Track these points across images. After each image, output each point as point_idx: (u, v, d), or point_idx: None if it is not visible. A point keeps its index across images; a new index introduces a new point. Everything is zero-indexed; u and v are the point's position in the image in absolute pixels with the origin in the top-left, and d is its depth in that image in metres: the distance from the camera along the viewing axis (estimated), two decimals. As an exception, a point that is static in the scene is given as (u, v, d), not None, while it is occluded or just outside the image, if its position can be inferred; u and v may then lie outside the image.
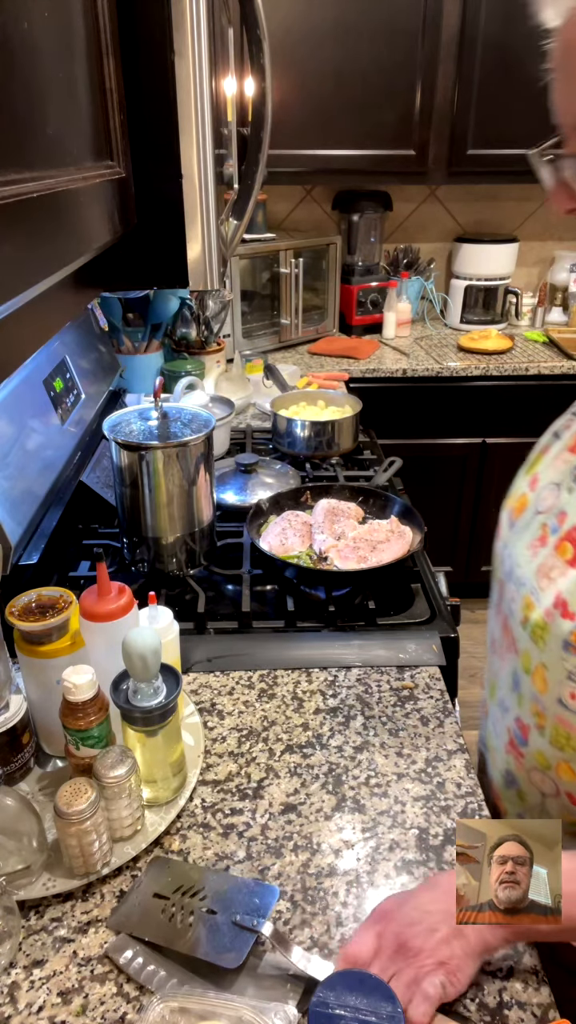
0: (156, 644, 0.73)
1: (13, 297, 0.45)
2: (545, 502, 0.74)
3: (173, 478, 1.12)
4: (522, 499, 0.78)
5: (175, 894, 0.68)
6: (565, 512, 0.70)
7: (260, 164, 0.99)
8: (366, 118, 2.33)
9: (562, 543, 0.68)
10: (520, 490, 0.80)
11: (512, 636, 0.75)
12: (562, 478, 0.73)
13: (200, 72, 0.73)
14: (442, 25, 2.23)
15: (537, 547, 0.72)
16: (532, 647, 0.70)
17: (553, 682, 0.67)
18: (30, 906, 0.71)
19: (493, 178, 2.45)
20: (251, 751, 0.88)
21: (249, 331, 2.45)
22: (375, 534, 1.22)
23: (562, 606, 0.66)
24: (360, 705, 0.95)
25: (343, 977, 0.59)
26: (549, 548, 0.70)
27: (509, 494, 0.83)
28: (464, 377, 2.40)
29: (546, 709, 0.69)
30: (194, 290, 1.29)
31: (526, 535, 0.75)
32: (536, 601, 0.69)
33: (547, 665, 0.68)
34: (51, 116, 0.52)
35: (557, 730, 0.69)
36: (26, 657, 0.79)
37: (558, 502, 0.72)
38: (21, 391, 1.23)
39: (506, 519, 0.81)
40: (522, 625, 0.72)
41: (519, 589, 0.73)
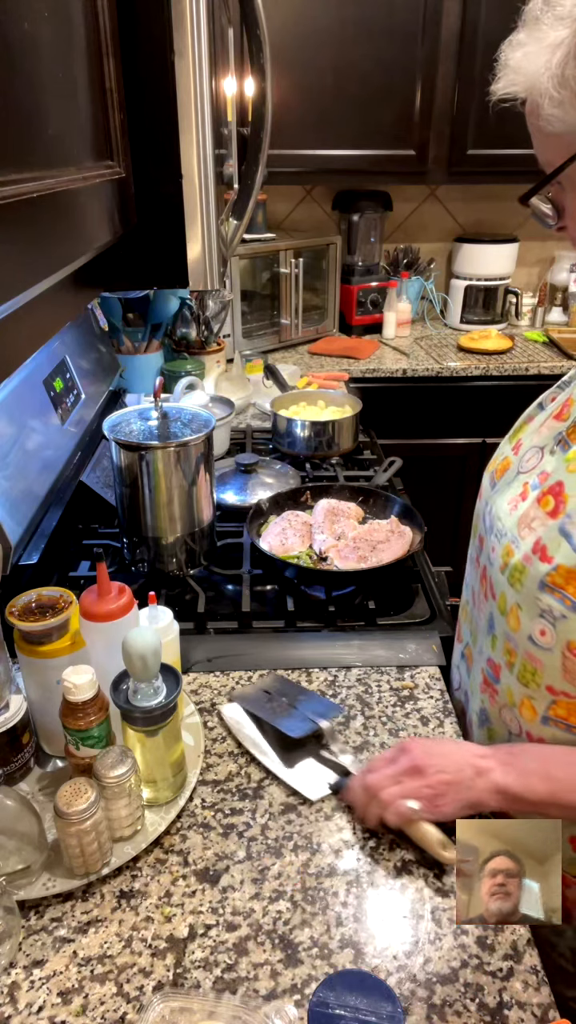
0: (156, 644, 0.73)
1: (13, 297, 0.45)
2: (528, 464, 0.79)
3: (173, 478, 1.12)
4: (505, 462, 0.83)
5: (276, 693, 0.95)
6: (547, 472, 0.75)
7: (260, 164, 0.99)
8: (366, 118, 2.32)
9: (544, 496, 0.72)
10: (503, 454, 0.85)
11: (490, 583, 0.80)
12: (546, 442, 0.78)
13: (200, 72, 0.73)
14: (442, 25, 2.23)
15: (517, 502, 0.77)
16: (508, 589, 0.74)
17: (526, 620, 0.72)
18: (30, 906, 0.71)
19: (493, 178, 2.45)
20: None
21: (249, 331, 2.45)
22: (375, 534, 1.22)
23: (541, 551, 0.70)
24: (360, 705, 0.95)
25: (343, 977, 0.59)
26: (530, 502, 0.74)
27: (492, 459, 0.88)
28: (464, 377, 2.40)
29: (517, 646, 0.74)
30: (194, 290, 1.29)
31: (508, 492, 0.79)
32: (516, 548, 0.74)
33: (521, 605, 0.72)
34: (51, 116, 0.52)
35: (525, 666, 0.73)
36: (26, 657, 0.79)
37: (540, 463, 0.77)
38: (21, 391, 1.23)
39: (488, 481, 0.86)
40: (501, 571, 0.76)
41: (500, 540, 0.78)
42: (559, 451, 0.74)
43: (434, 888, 0.72)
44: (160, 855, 0.76)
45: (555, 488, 0.71)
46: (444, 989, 0.64)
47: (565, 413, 0.77)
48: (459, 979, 0.64)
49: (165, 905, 0.71)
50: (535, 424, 0.83)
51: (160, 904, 0.71)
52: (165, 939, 0.68)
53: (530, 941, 0.67)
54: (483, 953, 0.66)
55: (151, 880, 0.73)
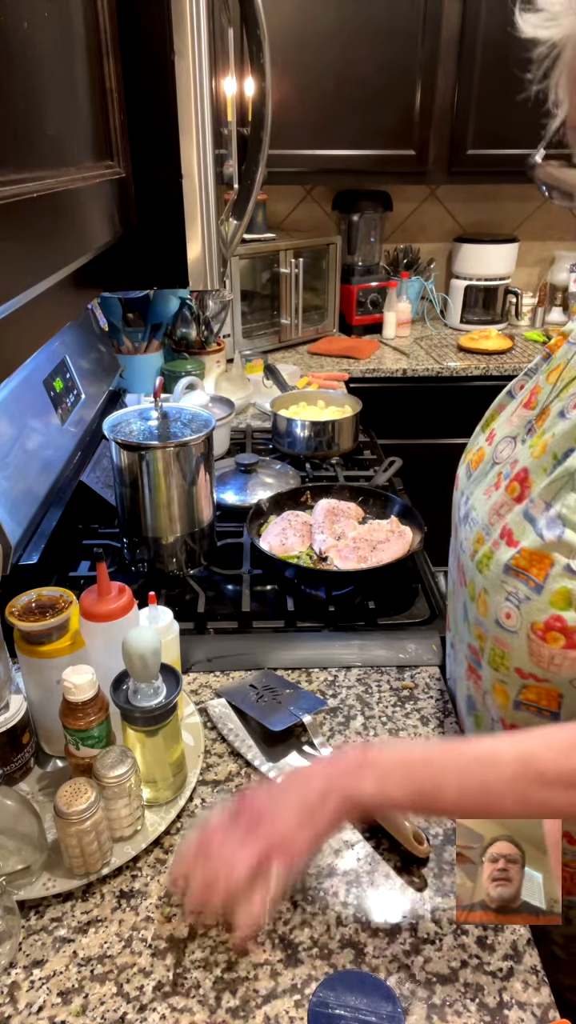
0: (156, 644, 0.73)
1: (13, 297, 0.45)
2: (502, 454, 0.79)
3: (173, 478, 1.12)
4: (480, 452, 0.84)
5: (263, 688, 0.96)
6: (517, 460, 0.75)
7: (260, 164, 0.99)
8: (366, 118, 2.32)
9: (511, 483, 0.73)
10: (478, 445, 0.86)
11: (462, 571, 0.80)
12: (517, 431, 0.78)
13: (200, 72, 0.73)
14: (442, 25, 2.23)
15: (492, 491, 0.77)
16: (477, 575, 0.74)
17: (492, 605, 0.72)
18: (30, 906, 0.71)
19: (493, 178, 2.45)
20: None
21: (249, 331, 2.45)
22: (375, 534, 1.22)
23: (507, 535, 0.70)
24: (360, 705, 0.95)
25: (343, 977, 0.59)
26: (501, 490, 0.75)
27: (467, 449, 0.89)
28: (464, 377, 2.40)
29: (487, 631, 0.74)
30: (194, 290, 1.29)
31: (483, 482, 0.80)
32: (487, 535, 0.74)
33: (488, 590, 0.72)
34: (51, 116, 0.52)
35: (495, 650, 0.73)
36: (26, 657, 0.79)
37: (513, 453, 0.77)
38: (21, 391, 1.23)
39: (464, 471, 0.86)
40: (471, 558, 0.76)
41: (472, 528, 0.78)
42: (528, 439, 0.75)
43: (434, 888, 0.72)
44: (160, 855, 0.76)
45: (520, 474, 0.72)
46: (444, 989, 0.64)
47: (533, 401, 0.78)
48: (459, 979, 0.64)
49: (165, 905, 0.71)
50: (506, 413, 0.83)
51: (160, 904, 0.71)
52: (165, 939, 0.68)
53: (530, 941, 0.67)
54: (483, 953, 0.66)
55: (151, 880, 0.73)
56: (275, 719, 0.89)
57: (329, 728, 0.91)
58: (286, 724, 0.89)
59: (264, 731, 0.89)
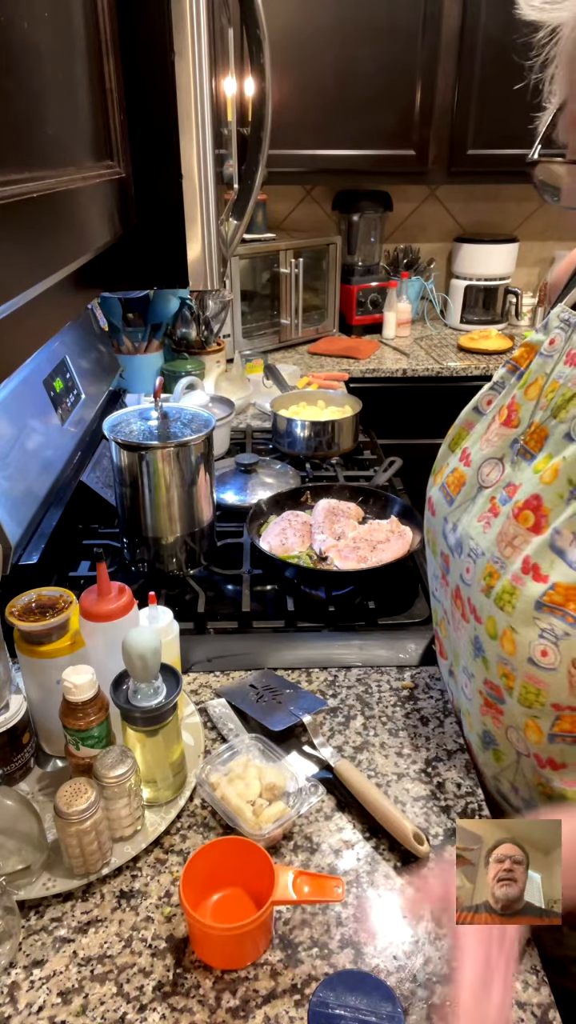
0: (156, 644, 0.73)
1: (13, 297, 0.45)
2: (489, 478, 0.76)
3: (173, 478, 1.12)
4: (457, 474, 0.81)
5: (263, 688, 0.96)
6: (514, 484, 0.72)
7: (260, 164, 0.99)
8: (366, 118, 2.32)
9: (521, 512, 0.70)
10: (451, 466, 0.82)
11: (468, 606, 0.77)
12: (502, 452, 0.75)
13: (200, 72, 0.72)
14: (442, 25, 2.23)
15: (489, 519, 0.74)
16: (498, 613, 0.71)
17: (523, 643, 0.69)
18: (30, 906, 0.71)
19: (493, 178, 2.45)
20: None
21: (249, 331, 2.45)
22: (375, 534, 1.22)
23: (533, 570, 0.67)
24: (360, 705, 0.95)
25: (343, 977, 0.59)
26: (504, 518, 0.72)
27: (436, 470, 0.86)
28: (464, 377, 2.40)
29: (515, 670, 0.71)
30: (194, 290, 1.29)
31: (473, 509, 0.77)
32: (501, 569, 0.71)
33: (516, 628, 0.69)
34: (51, 116, 0.51)
35: (527, 688, 0.70)
36: (26, 657, 0.79)
37: (503, 476, 0.74)
38: (21, 391, 1.23)
39: (440, 495, 0.83)
40: (484, 594, 0.73)
41: (476, 560, 0.75)
42: (523, 462, 0.72)
43: (434, 888, 0.72)
44: (160, 855, 0.76)
45: (532, 502, 0.69)
46: (444, 989, 0.63)
47: (514, 419, 0.75)
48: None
49: (165, 905, 0.71)
50: (478, 430, 0.80)
51: (160, 904, 0.71)
52: (165, 939, 0.68)
53: (530, 941, 0.67)
54: (483, 953, 0.66)
55: (151, 880, 0.73)
56: (275, 719, 0.89)
57: (329, 728, 0.91)
58: (286, 724, 0.89)
59: (264, 731, 0.89)
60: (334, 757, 0.85)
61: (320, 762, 0.86)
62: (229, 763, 0.82)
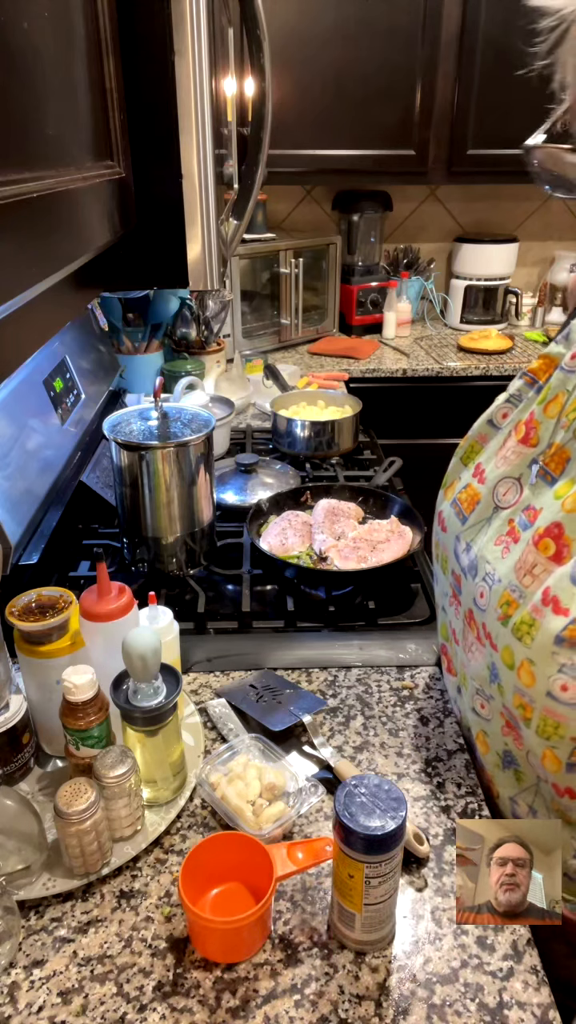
0: (156, 644, 0.73)
1: (13, 297, 0.45)
2: (506, 498, 0.73)
3: (173, 478, 1.12)
4: (471, 491, 0.77)
5: (263, 688, 0.96)
6: (534, 508, 0.69)
7: (260, 164, 0.99)
8: (366, 118, 2.32)
9: (542, 540, 0.67)
10: (464, 481, 0.79)
11: (484, 631, 0.74)
12: (519, 472, 0.72)
13: (200, 72, 0.73)
14: (442, 25, 2.23)
15: (507, 542, 0.71)
16: (516, 644, 0.69)
17: (541, 676, 0.67)
18: (30, 906, 0.71)
19: (493, 178, 2.45)
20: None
21: (249, 331, 2.45)
22: (375, 534, 1.22)
23: (553, 602, 0.65)
24: (360, 705, 0.95)
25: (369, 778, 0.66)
26: (525, 544, 0.69)
27: (447, 484, 0.82)
28: (464, 377, 2.40)
29: (533, 702, 0.69)
30: (194, 290, 1.29)
31: (489, 530, 0.74)
32: (520, 599, 0.68)
33: (534, 661, 0.67)
34: (51, 116, 0.52)
35: (545, 721, 0.68)
36: (26, 657, 0.79)
37: (522, 497, 0.71)
38: (21, 391, 1.23)
39: (452, 511, 0.80)
40: (501, 623, 0.71)
41: (492, 586, 0.72)
42: (543, 484, 0.70)
43: (434, 888, 0.72)
44: (160, 855, 0.76)
45: (553, 530, 0.66)
46: (444, 989, 0.64)
47: (532, 437, 0.72)
48: (459, 979, 0.64)
49: (165, 905, 0.71)
50: (493, 446, 0.77)
51: (160, 904, 0.71)
52: (165, 939, 0.68)
53: (530, 941, 0.67)
54: (483, 953, 0.66)
55: (151, 880, 0.73)
56: (275, 719, 0.89)
57: (329, 728, 0.91)
58: (286, 724, 0.89)
59: (264, 731, 0.89)
60: (334, 757, 0.85)
61: (320, 762, 0.86)
62: (229, 763, 0.82)
